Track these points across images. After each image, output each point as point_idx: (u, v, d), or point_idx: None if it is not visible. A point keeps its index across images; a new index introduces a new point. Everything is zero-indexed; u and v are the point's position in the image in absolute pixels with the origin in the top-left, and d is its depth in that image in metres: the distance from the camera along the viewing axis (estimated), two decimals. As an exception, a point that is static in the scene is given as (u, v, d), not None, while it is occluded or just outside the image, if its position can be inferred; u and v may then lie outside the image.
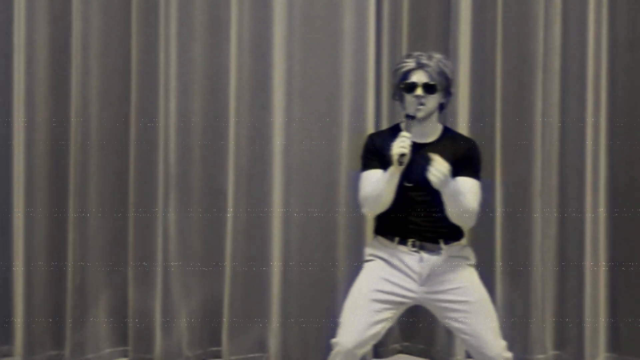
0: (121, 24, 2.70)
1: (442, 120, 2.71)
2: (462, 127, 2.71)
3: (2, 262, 2.70)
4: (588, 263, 2.74)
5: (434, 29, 2.79)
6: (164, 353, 2.68)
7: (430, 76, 1.98)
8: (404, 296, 2.02)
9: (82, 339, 2.69)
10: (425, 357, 2.83)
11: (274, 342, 2.68)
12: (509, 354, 2.05)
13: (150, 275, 2.70)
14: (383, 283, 2.00)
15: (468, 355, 2.80)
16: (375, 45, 2.73)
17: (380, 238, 2.09)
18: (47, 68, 2.64)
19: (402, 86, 2.02)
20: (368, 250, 2.14)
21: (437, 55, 2.05)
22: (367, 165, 2.08)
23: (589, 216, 2.74)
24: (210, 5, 2.71)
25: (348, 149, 2.64)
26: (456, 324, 2.02)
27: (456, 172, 1.95)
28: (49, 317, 2.67)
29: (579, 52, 2.75)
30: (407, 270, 2.01)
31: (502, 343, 2.03)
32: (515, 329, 2.76)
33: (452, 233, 2.05)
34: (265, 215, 2.69)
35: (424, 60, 1.99)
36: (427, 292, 2.01)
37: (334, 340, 2.01)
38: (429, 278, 2.00)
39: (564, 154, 2.79)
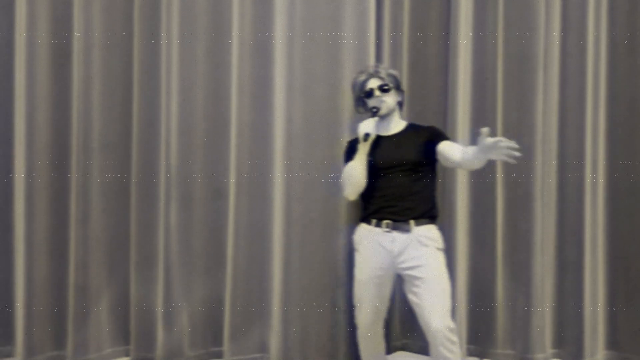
0: (123, 25, 2.70)
1: (442, 118, 2.77)
2: (464, 126, 2.73)
3: (3, 262, 2.69)
4: (587, 261, 2.77)
5: (434, 30, 2.79)
6: (165, 353, 2.69)
7: (382, 79, 2.40)
8: (389, 273, 2.35)
9: (83, 338, 2.69)
10: (425, 354, 2.84)
11: (274, 343, 2.69)
12: (455, 338, 2.19)
13: (151, 275, 2.70)
14: (376, 270, 2.34)
15: (467, 354, 2.84)
16: (376, 46, 2.74)
17: (363, 225, 2.41)
18: (48, 68, 2.63)
19: (362, 94, 2.44)
20: (355, 238, 2.45)
21: (383, 65, 2.52)
22: (347, 161, 2.44)
23: (588, 214, 2.77)
24: (212, 6, 2.71)
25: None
26: (410, 295, 2.29)
27: (433, 145, 2.32)
28: (50, 317, 2.67)
29: (578, 52, 2.77)
30: (382, 250, 2.32)
31: (447, 322, 2.19)
32: (517, 328, 2.79)
33: (422, 216, 2.32)
34: (266, 216, 2.70)
35: (373, 70, 2.42)
36: (397, 267, 2.31)
37: (356, 320, 2.41)
38: (399, 254, 2.29)
39: (564, 154, 2.81)
